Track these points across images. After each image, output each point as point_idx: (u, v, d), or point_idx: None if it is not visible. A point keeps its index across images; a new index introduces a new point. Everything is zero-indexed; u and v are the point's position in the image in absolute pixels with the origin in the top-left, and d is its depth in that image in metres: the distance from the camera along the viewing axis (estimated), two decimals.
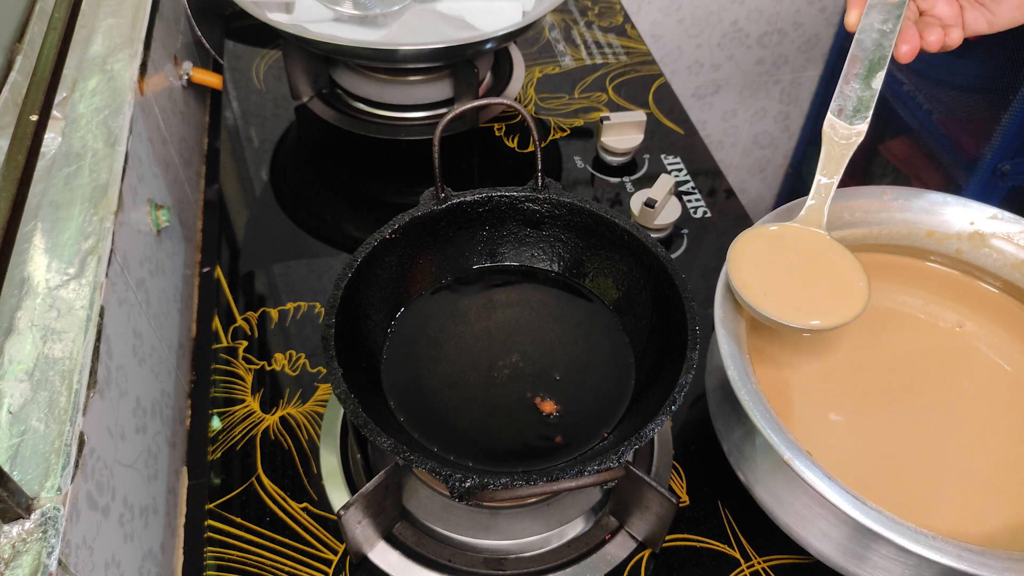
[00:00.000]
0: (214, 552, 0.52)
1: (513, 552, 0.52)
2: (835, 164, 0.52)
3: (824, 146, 0.52)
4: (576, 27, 1.03)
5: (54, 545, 0.35)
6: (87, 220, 0.49)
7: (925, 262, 0.61)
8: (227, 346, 0.64)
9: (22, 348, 0.42)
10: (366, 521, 0.49)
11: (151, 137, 0.67)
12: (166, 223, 0.64)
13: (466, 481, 0.42)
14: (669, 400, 0.46)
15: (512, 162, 0.83)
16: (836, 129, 0.52)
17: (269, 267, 0.71)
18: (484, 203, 0.59)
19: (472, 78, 0.79)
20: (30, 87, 0.53)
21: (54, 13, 0.61)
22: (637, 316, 0.57)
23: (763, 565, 0.52)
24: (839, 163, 0.52)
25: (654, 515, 0.50)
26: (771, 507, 0.49)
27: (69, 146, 0.54)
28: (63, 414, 0.40)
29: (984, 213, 0.58)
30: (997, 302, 0.59)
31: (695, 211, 0.78)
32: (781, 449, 0.43)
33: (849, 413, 0.52)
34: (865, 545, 0.45)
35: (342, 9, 0.80)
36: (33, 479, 0.37)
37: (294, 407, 0.60)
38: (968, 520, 0.47)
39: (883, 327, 0.58)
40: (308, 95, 0.85)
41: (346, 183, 0.82)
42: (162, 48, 0.78)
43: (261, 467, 0.56)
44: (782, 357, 0.55)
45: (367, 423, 0.45)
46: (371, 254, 0.54)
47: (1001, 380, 0.55)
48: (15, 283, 0.45)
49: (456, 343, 0.57)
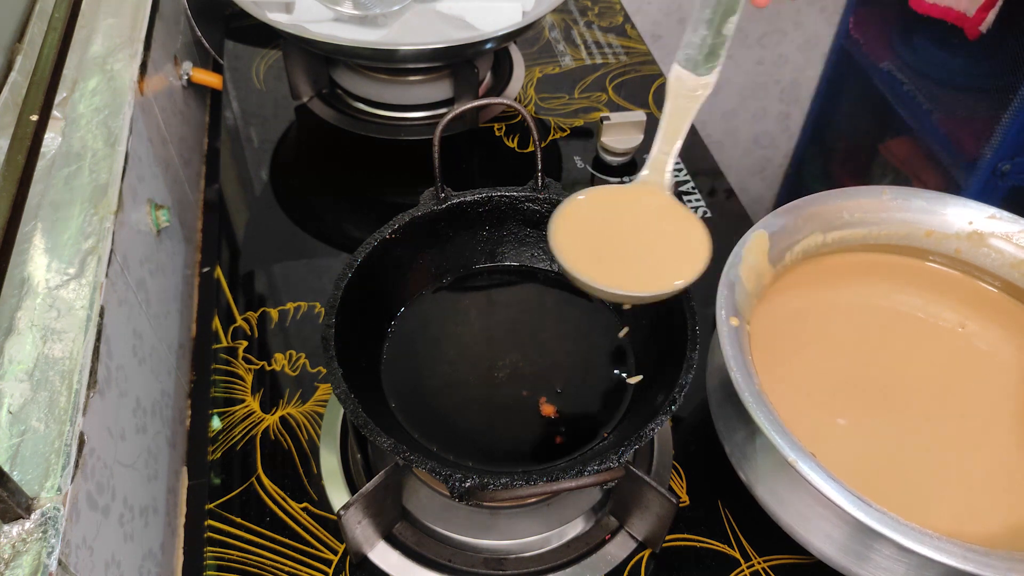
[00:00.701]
0: (214, 552, 0.52)
1: (513, 552, 0.52)
2: (679, 119, 0.48)
3: (668, 100, 0.47)
4: (576, 27, 1.03)
5: (54, 545, 0.35)
6: (87, 220, 0.49)
7: (925, 262, 0.61)
8: (227, 346, 0.64)
9: (22, 348, 0.42)
10: (366, 521, 0.49)
11: (151, 137, 0.67)
12: (166, 223, 0.64)
13: (466, 481, 0.42)
14: (669, 400, 0.46)
15: (512, 162, 0.83)
16: (683, 81, 0.47)
17: (269, 267, 0.71)
18: (484, 203, 0.59)
19: (472, 78, 0.79)
20: (30, 87, 0.53)
21: (54, 13, 0.61)
22: (637, 316, 0.57)
23: (763, 565, 0.52)
24: (684, 118, 0.48)
25: (654, 515, 0.50)
26: (773, 507, 0.49)
27: (69, 146, 0.54)
28: (63, 414, 0.40)
29: (983, 213, 0.58)
30: (997, 302, 0.59)
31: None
32: (785, 451, 0.43)
33: (850, 413, 0.52)
34: (868, 545, 0.45)
35: (342, 9, 0.80)
36: (33, 479, 0.37)
37: (294, 407, 0.60)
38: (969, 520, 0.47)
39: (884, 327, 0.58)
40: (308, 95, 0.85)
41: (346, 183, 0.82)
42: (162, 48, 0.78)
43: (261, 467, 0.56)
44: (783, 357, 0.55)
45: (367, 423, 0.45)
46: (371, 254, 0.54)
47: (1002, 380, 0.55)
48: (15, 283, 0.45)
49: (456, 343, 0.57)
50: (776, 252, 0.56)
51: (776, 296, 0.57)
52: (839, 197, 0.59)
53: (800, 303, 0.58)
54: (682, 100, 0.47)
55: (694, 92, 0.47)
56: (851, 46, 1.44)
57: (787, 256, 0.58)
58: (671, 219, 0.49)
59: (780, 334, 0.55)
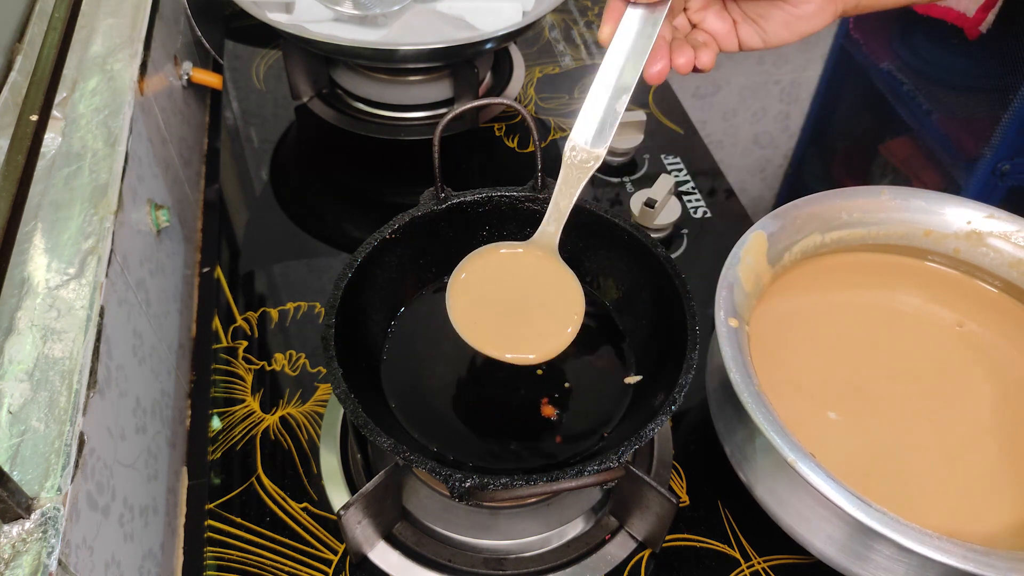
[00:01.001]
0: (214, 552, 0.52)
1: (513, 552, 0.52)
2: (571, 187, 0.50)
3: (563, 170, 0.50)
4: (576, 27, 1.03)
5: (54, 545, 0.35)
6: (87, 220, 0.49)
7: (924, 262, 0.61)
8: (227, 346, 0.64)
9: (22, 348, 0.42)
10: (366, 521, 0.49)
11: (151, 137, 0.67)
12: (166, 223, 0.64)
13: (466, 481, 0.42)
14: (669, 400, 0.46)
15: (512, 162, 0.83)
16: (577, 152, 0.49)
17: (269, 267, 0.71)
18: (484, 203, 0.59)
19: (472, 78, 0.79)
20: (30, 87, 0.53)
21: (54, 13, 0.61)
22: (637, 316, 0.57)
23: (763, 565, 0.52)
24: (575, 186, 0.50)
25: (654, 515, 0.50)
26: (772, 507, 0.49)
27: (69, 146, 0.54)
28: (63, 414, 0.40)
29: (981, 212, 0.58)
30: (996, 301, 0.59)
31: (695, 211, 0.78)
32: (785, 451, 0.43)
33: (850, 413, 0.52)
34: (868, 545, 0.45)
35: (342, 9, 0.80)
36: (33, 479, 0.37)
37: (294, 407, 0.60)
38: (969, 519, 0.47)
39: (883, 327, 0.58)
40: (308, 95, 0.85)
41: (346, 183, 0.82)
42: (162, 48, 0.78)
43: (261, 467, 0.56)
44: (782, 357, 0.55)
45: (367, 423, 0.45)
46: (371, 254, 0.54)
47: (1001, 379, 0.55)
48: (15, 283, 0.45)
49: (456, 343, 0.57)
50: (775, 252, 0.56)
51: (775, 296, 0.58)
52: (838, 197, 0.59)
53: (799, 303, 0.58)
54: (574, 171, 0.50)
55: (586, 164, 0.49)
56: (851, 46, 1.44)
57: (786, 256, 0.58)
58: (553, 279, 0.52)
59: (779, 334, 0.55)
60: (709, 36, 0.50)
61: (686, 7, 0.51)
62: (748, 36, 0.50)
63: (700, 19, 0.50)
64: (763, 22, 0.49)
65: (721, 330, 0.50)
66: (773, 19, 0.49)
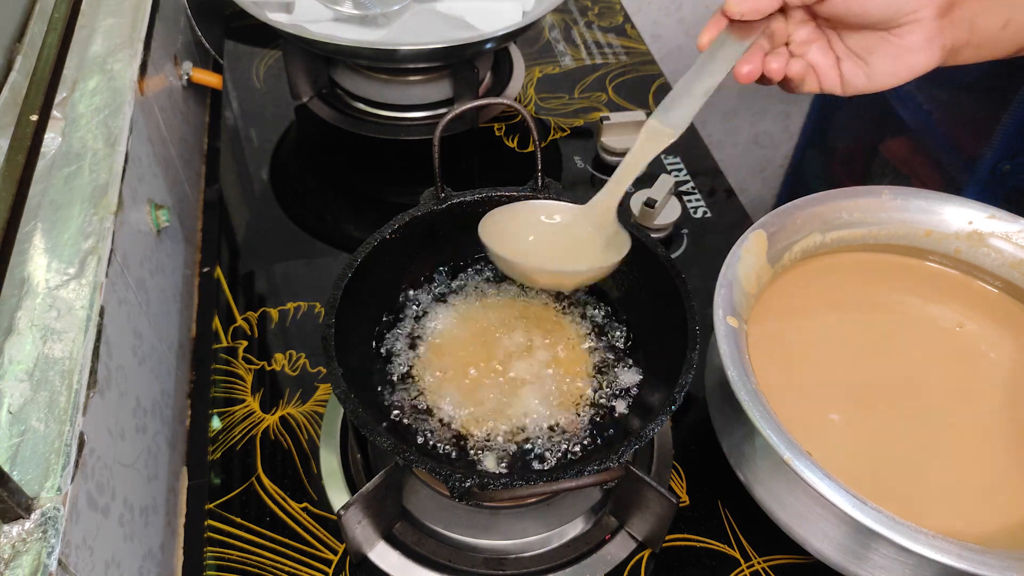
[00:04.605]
0: (214, 552, 0.52)
1: (513, 552, 0.52)
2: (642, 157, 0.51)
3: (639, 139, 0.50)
4: (576, 27, 1.03)
5: (54, 545, 0.35)
6: (87, 220, 0.49)
7: (924, 262, 0.61)
8: (227, 346, 0.64)
9: (22, 348, 0.42)
10: (366, 521, 0.49)
11: (151, 137, 0.67)
12: (166, 223, 0.64)
13: (466, 481, 0.42)
14: (669, 400, 0.46)
15: (512, 162, 0.83)
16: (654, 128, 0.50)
17: (269, 267, 0.71)
18: (484, 203, 0.59)
19: (472, 78, 0.79)
20: (30, 87, 0.53)
21: (54, 13, 0.61)
22: (637, 316, 0.57)
23: (763, 565, 0.52)
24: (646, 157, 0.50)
25: (654, 515, 0.50)
26: (771, 507, 0.49)
27: (69, 146, 0.54)
28: (63, 414, 0.40)
29: (982, 212, 0.58)
30: (997, 301, 0.59)
31: (695, 211, 0.78)
32: (781, 449, 0.43)
33: (849, 413, 0.52)
34: (865, 545, 0.45)
35: (342, 9, 0.80)
36: (33, 479, 0.37)
37: (294, 407, 0.60)
38: (966, 519, 0.47)
39: (883, 327, 0.58)
40: (308, 95, 0.85)
41: (346, 183, 0.82)
42: (162, 48, 0.78)
43: (261, 467, 0.56)
44: (782, 357, 0.55)
45: (367, 423, 0.45)
46: (371, 254, 0.54)
47: (1001, 380, 0.55)
48: (15, 283, 0.45)
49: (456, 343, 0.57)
50: (775, 252, 0.56)
51: (775, 296, 0.58)
52: (838, 197, 0.59)
53: (799, 303, 0.58)
54: (650, 143, 0.50)
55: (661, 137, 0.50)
56: None
57: (786, 256, 0.58)
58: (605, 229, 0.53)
59: (779, 334, 0.55)
60: (810, 67, 0.51)
61: (788, 41, 0.52)
62: (852, 73, 0.51)
63: (802, 52, 0.52)
64: (868, 56, 0.50)
65: (720, 328, 0.50)
66: (878, 52, 0.49)
